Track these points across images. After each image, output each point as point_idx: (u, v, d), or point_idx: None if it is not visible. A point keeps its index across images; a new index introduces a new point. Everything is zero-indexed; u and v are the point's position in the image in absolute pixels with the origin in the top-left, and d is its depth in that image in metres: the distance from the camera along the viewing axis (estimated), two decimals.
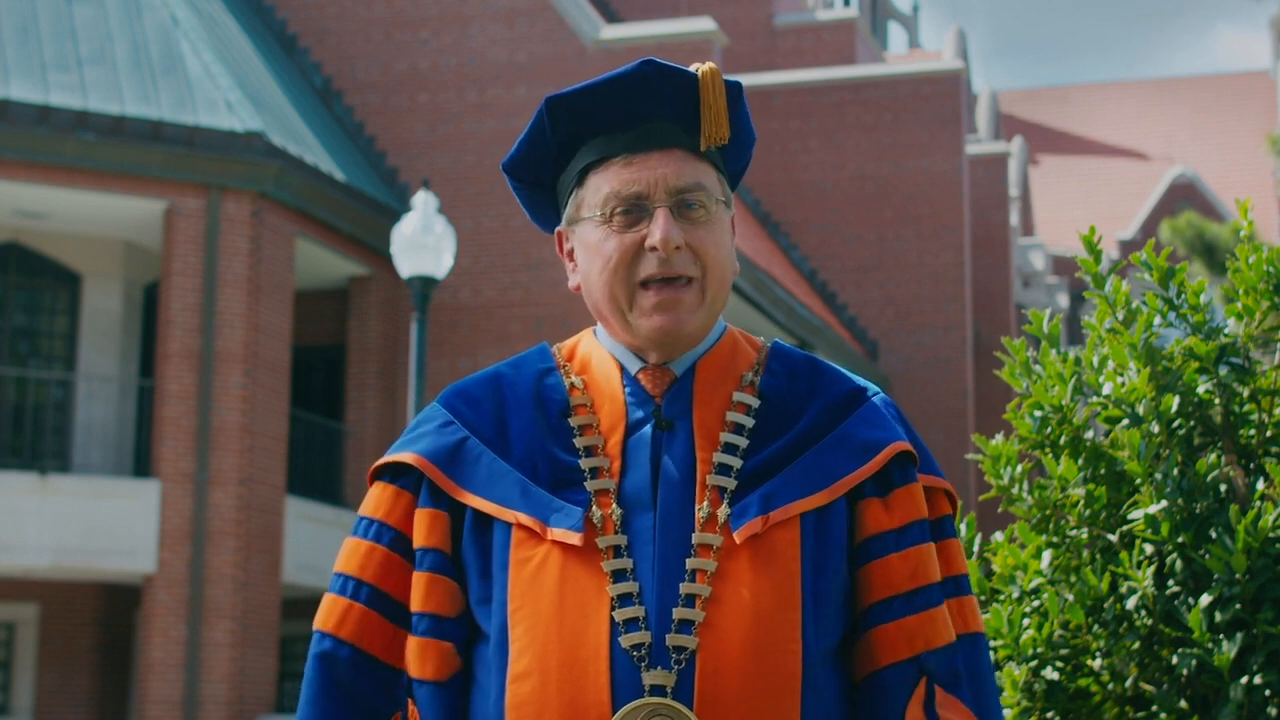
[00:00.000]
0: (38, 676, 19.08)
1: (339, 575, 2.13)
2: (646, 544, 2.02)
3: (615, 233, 2.08)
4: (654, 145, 2.10)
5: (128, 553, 17.33)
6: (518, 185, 2.21)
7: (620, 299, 2.09)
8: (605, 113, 2.11)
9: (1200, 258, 28.52)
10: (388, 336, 20.64)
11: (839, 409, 2.13)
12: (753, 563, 2.01)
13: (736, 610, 1.98)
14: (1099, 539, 3.07)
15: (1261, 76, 51.53)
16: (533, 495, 2.06)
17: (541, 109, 2.13)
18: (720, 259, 2.10)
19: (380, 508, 2.14)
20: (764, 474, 2.07)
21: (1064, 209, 47.30)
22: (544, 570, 2.02)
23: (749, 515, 2.03)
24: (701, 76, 2.11)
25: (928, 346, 26.28)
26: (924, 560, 2.09)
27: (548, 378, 2.17)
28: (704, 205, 2.09)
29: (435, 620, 2.07)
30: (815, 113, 27.01)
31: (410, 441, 2.15)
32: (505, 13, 21.68)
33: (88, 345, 19.45)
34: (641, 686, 1.95)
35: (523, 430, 2.12)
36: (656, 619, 1.98)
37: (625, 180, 2.08)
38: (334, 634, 2.10)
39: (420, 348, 14.49)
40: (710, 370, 2.14)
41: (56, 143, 17.45)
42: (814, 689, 2.00)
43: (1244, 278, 3.09)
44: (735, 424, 2.10)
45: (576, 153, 2.14)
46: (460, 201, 20.85)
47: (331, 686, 2.09)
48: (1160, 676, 2.95)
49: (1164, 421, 3.01)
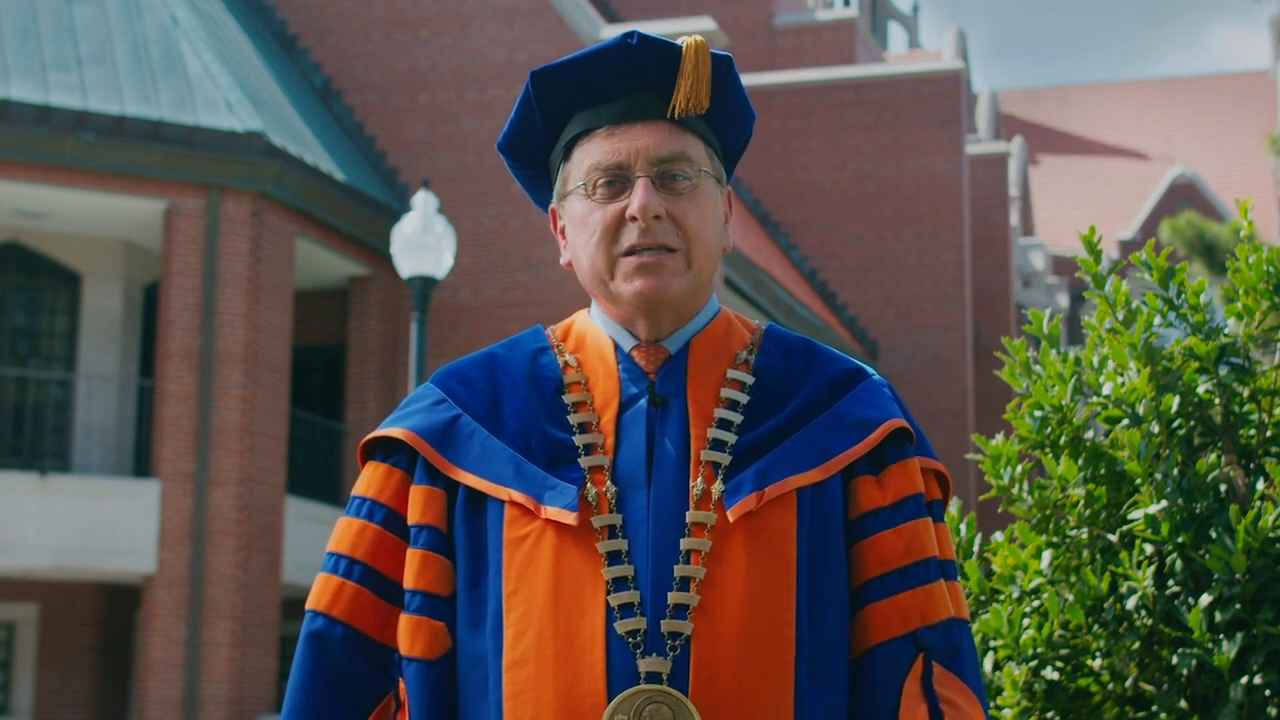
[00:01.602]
0: (38, 676, 19.08)
1: (331, 554, 2.12)
2: (641, 523, 2.01)
3: (598, 205, 2.08)
4: (637, 117, 2.09)
5: (128, 553, 17.32)
6: (514, 164, 2.20)
7: (603, 269, 2.08)
8: (589, 86, 2.10)
9: (1200, 258, 28.52)
10: (388, 336, 20.64)
11: (834, 388, 2.12)
12: (747, 542, 2.00)
13: (731, 593, 1.97)
14: (1099, 539, 3.07)
15: (1261, 76, 51.52)
16: (526, 472, 2.05)
17: (527, 84, 2.13)
18: (704, 230, 2.08)
19: (372, 486, 2.13)
20: (759, 450, 2.05)
21: (1064, 209, 47.29)
22: (538, 551, 2.00)
23: (744, 491, 2.01)
24: (685, 46, 2.10)
25: (928, 346, 26.27)
26: (919, 535, 2.07)
27: (541, 357, 2.15)
28: (688, 176, 2.08)
29: (428, 598, 2.06)
30: (815, 113, 27.00)
31: (401, 418, 2.14)
32: (505, 13, 21.67)
33: (88, 345, 19.45)
34: (637, 673, 1.94)
35: (516, 409, 2.10)
36: (652, 603, 1.97)
37: (607, 151, 2.08)
38: (327, 612, 2.10)
39: (420, 348, 14.49)
40: (705, 348, 2.12)
41: (56, 143, 17.44)
42: (811, 671, 1.99)
43: (1244, 278, 3.09)
44: (730, 400, 2.08)
45: (564, 128, 2.13)
46: (460, 201, 20.85)
47: (324, 666, 2.08)
48: (1160, 676, 2.95)
49: (1164, 421, 3.01)
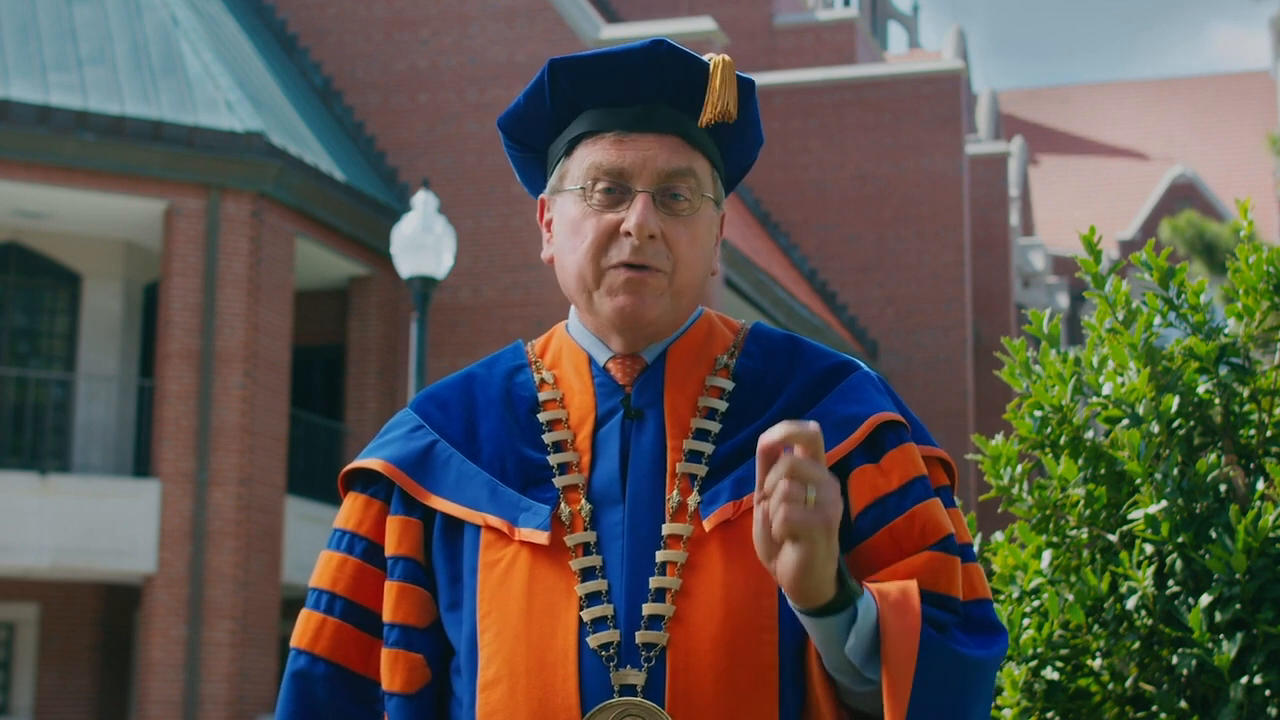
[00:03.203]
0: (38, 676, 19.08)
1: (313, 590, 2.09)
2: (616, 539, 1.96)
3: (594, 212, 2.01)
4: (650, 127, 2.02)
5: (128, 553, 17.33)
6: (510, 144, 2.14)
7: (588, 278, 2.02)
8: (607, 85, 2.03)
9: (1200, 258, 28.53)
10: (388, 336, 20.64)
11: (817, 386, 2.05)
12: (724, 551, 1.94)
13: (708, 602, 1.92)
14: (1099, 539, 3.07)
15: (1261, 76, 51.55)
16: (501, 496, 2.01)
17: (544, 71, 2.05)
18: (694, 257, 2.02)
19: (352, 518, 2.09)
20: (737, 458, 1.99)
21: (1064, 209, 47.31)
22: (512, 573, 1.96)
23: (720, 501, 1.96)
24: (714, 63, 2.03)
25: (928, 346, 26.28)
26: (932, 516, 1.98)
27: (518, 375, 2.11)
28: (689, 199, 2.01)
29: (405, 631, 2.03)
30: (815, 113, 27.01)
31: (378, 448, 2.10)
32: (505, 13, 21.68)
33: (88, 345, 19.45)
34: (611, 686, 1.90)
35: (492, 431, 2.06)
36: (626, 616, 1.92)
37: (613, 156, 2.01)
38: (309, 650, 2.06)
39: (420, 348, 14.49)
40: (682, 356, 2.06)
41: (56, 143, 17.45)
42: (793, 679, 1.92)
43: (1244, 278, 3.08)
44: (708, 409, 2.02)
45: (571, 122, 2.06)
46: (460, 201, 20.85)
47: (307, 706, 2.05)
48: (1160, 676, 2.95)
49: (1164, 421, 3.01)
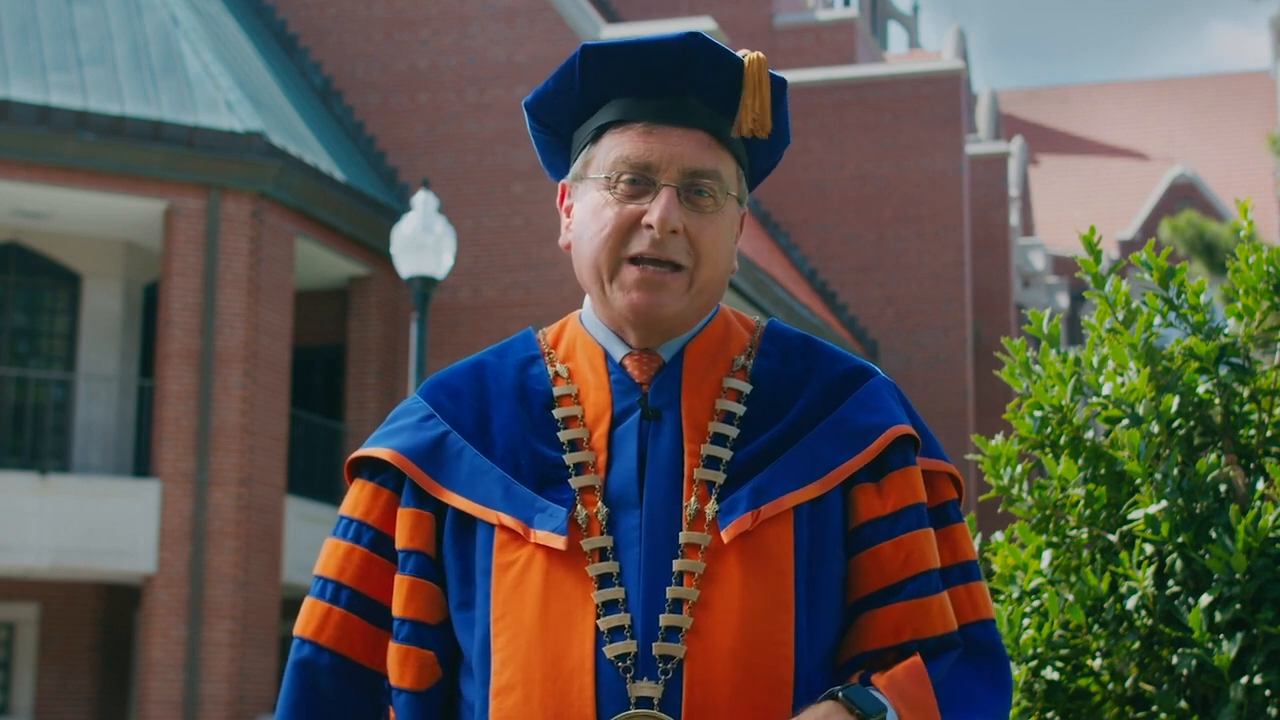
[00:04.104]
0: (38, 676, 19.07)
1: (318, 578, 2.06)
2: (633, 545, 1.93)
3: (616, 201, 1.98)
4: (679, 121, 1.99)
5: (128, 553, 17.32)
6: (535, 126, 2.10)
7: (604, 269, 1.98)
8: (638, 75, 2.00)
9: (1200, 258, 28.52)
10: (388, 336, 20.63)
11: (835, 392, 2.03)
12: (742, 563, 1.91)
13: (725, 615, 1.89)
14: (1099, 539, 3.07)
15: (1261, 76, 51.52)
16: (515, 494, 1.97)
17: (575, 55, 2.02)
18: (716, 253, 1.99)
19: (359, 506, 2.06)
20: (755, 466, 1.96)
21: (1064, 209, 47.28)
22: (527, 576, 1.93)
23: (738, 511, 1.93)
24: (748, 62, 2.00)
25: (928, 346, 26.27)
26: (919, 547, 1.98)
27: (531, 367, 2.07)
28: (714, 195, 1.98)
29: (416, 626, 2.00)
30: (815, 113, 27.00)
31: (388, 435, 2.07)
32: (505, 13, 21.67)
33: (88, 345, 19.44)
34: (628, 698, 1.87)
35: (505, 424, 2.02)
36: (643, 626, 1.89)
37: (640, 149, 1.98)
38: (314, 640, 2.04)
39: (420, 348, 14.49)
40: (700, 355, 2.03)
41: (56, 143, 17.44)
42: (809, 694, 1.90)
43: (1244, 278, 3.08)
44: (725, 412, 1.99)
45: (600, 109, 2.03)
46: (460, 201, 20.85)
47: (311, 696, 2.03)
48: (1160, 676, 2.95)
49: (1164, 421, 3.01)
